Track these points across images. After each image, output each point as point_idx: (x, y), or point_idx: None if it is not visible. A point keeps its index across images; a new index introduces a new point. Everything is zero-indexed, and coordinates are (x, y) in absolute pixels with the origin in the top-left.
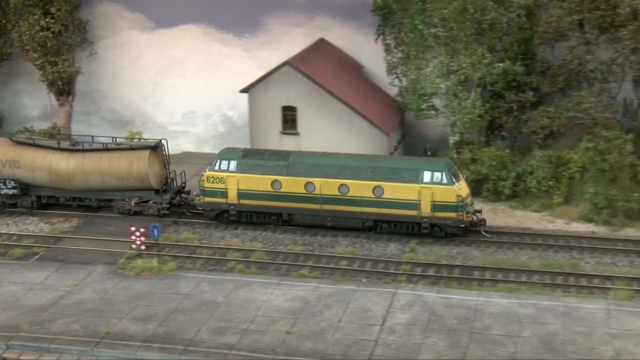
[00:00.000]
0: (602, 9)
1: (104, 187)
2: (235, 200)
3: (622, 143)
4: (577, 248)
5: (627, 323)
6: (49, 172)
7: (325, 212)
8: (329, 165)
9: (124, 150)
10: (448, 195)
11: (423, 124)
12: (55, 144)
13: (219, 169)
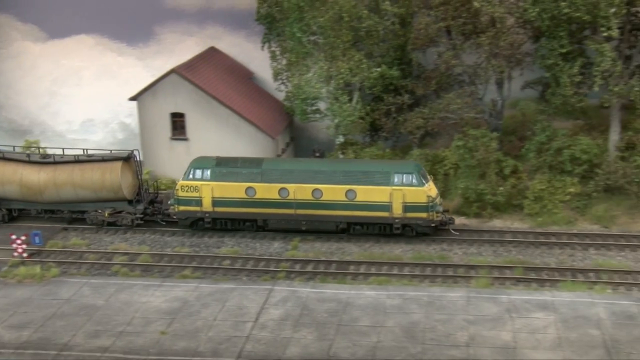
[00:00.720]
0: (464, 16)
1: (76, 199)
2: (209, 208)
3: (488, 141)
4: (448, 240)
5: (484, 309)
6: (20, 185)
7: (299, 216)
8: (302, 171)
9: (96, 162)
10: (419, 196)
11: (312, 127)
12: (25, 157)
13: (193, 177)
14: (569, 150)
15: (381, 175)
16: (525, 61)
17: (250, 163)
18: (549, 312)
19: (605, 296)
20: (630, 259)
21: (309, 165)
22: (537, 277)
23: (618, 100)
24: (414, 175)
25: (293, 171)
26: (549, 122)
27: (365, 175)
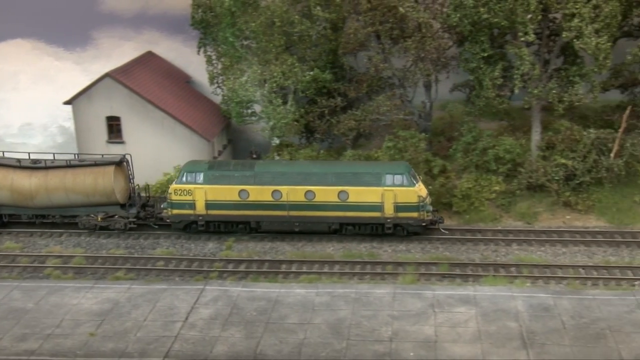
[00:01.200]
0: (392, 22)
1: (68, 203)
2: (203, 211)
3: (417, 142)
4: (378, 238)
5: (409, 305)
6: (11, 190)
7: (292, 218)
8: (295, 173)
9: (88, 167)
10: (410, 197)
11: (249, 129)
12: (15, 163)
13: (186, 181)
14: (494, 150)
15: (373, 177)
16: (451, 65)
17: (243, 166)
18: (470, 307)
19: (525, 290)
20: (550, 253)
21: (301, 168)
22: (461, 272)
23: (538, 102)
24: (404, 175)
25: (285, 173)
26: (475, 123)
27: (357, 176)
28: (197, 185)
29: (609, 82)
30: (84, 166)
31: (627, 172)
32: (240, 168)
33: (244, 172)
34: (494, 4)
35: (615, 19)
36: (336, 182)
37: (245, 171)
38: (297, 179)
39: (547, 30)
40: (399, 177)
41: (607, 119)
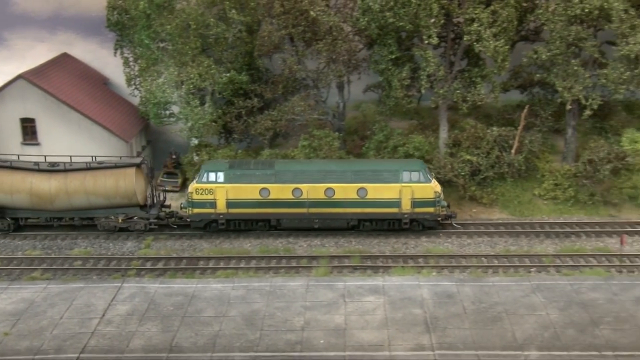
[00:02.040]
0: (304, 25)
1: (88, 206)
2: (224, 210)
3: (331, 140)
4: (294, 234)
5: (321, 296)
6: (30, 194)
7: (312, 215)
8: (315, 171)
9: (108, 169)
10: (427, 192)
11: (170, 130)
12: (34, 166)
13: (207, 180)
14: (404, 148)
15: (390, 173)
16: (362, 66)
17: (263, 165)
18: (379, 296)
19: (430, 279)
20: (456, 244)
21: (320, 166)
22: (372, 264)
23: (444, 101)
24: (421, 172)
25: (306, 171)
26: (386, 122)
27: (375, 173)
28: (218, 184)
29: (509, 82)
30: (104, 168)
31: (527, 167)
32: (261, 167)
33: (264, 170)
34: (398, 9)
35: (512, 24)
36: (355, 180)
37: (265, 170)
38: (317, 176)
39: (452, 33)
40: (416, 173)
41: (508, 117)
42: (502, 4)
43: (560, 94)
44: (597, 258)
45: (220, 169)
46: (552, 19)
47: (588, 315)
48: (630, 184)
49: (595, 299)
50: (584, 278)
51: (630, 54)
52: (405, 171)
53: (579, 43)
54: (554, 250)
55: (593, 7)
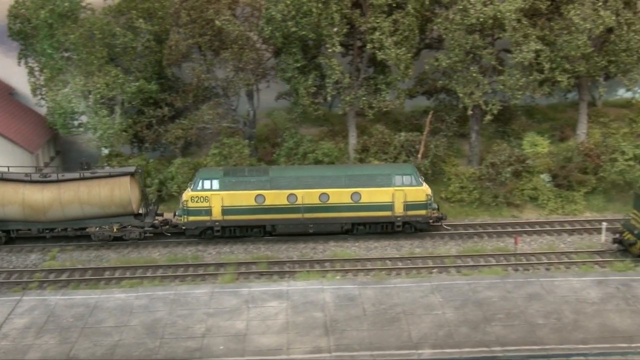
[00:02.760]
0: (210, 34)
1: (82, 216)
2: (219, 217)
3: (241, 148)
4: (203, 242)
5: (225, 302)
6: (22, 205)
7: (307, 220)
8: (309, 177)
9: (102, 178)
10: (418, 195)
11: (81, 140)
12: (25, 177)
13: (202, 188)
14: (313, 154)
15: (383, 178)
16: (270, 74)
17: (257, 171)
18: (282, 301)
19: (334, 282)
20: (363, 248)
21: (315, 172)
22: (279, 270)
23: (351, 108)
24: (412, 176)
25: (300, 177)
26: (297, 129)
27: (368, 178)
28: (213, 191)
29: (415, 89)
30: (98, 178)
31: (434, 171)
32: (255, 173)
33: (259, 177)
34: (300, 18)
35: (413, 33)
36: (349, 184)
37: (260, 176)
38: (311, 182)
39: (358, 41)
40: (408, 177)
41: (416, 122)
42: (403, 13)
43: (461, 99)
44: (495, 258)
45: (215, 177)
46: (451, 28)
47: (482, 313)
48: (531, 186)
49: (490, 297)
50: (482, 277)
51: (524, 61)
52: (398, 175)
53: (476, 51)
54: (456, 251)
55: (487, 16)
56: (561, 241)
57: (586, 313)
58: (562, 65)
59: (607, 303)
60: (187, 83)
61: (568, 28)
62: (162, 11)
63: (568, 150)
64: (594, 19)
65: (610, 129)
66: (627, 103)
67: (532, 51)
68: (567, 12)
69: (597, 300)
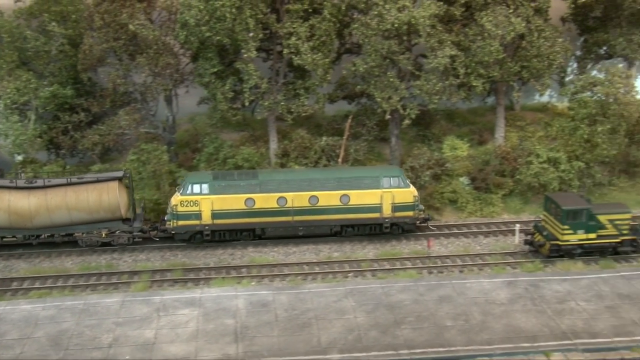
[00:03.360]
0: (124, 38)
1: (69, 222)
2: (209, 221)
3: (160, 154)
4: (120, 249)
5: (135, 311)
6: (8, 212)
7: (296, 223)
8: (298, 180)
9: (90, 183)
10: (406, 197)
11: None
12: (11, 183)
13: (192, 192)
14: (233, 160)
15: (371, 180)
16: (189, 79)
17: (247, 175)
18: (194, 308)
19: (249, 288)
20: (282, 253)
21: (304, 175)
22: (195, 276)
23: (270, 113)
24: (400, 178)
25: (290, 180)
26: (217, 134)
27: (357, 180)
28: (203, 195)
29: (335, 93)
30: (86, 183)
31: None
32: (245, 177)
33: (249, 180)
34: (214, 23)
35: (330, 38)
36: (338, 187)
37: (250, 180)
38: (301, 185)
39: (277, 46)
40: (395, 179)
41: (337, 127)
42: (319, 19)
43: (379, 104)
44: (412, 261)
45: (205, 181)
46: (367, 33)
47: (393, 317)
48: (450, 189)
49: (402, 300)
50: (396, 281)
51: (439, 66)
52: (385, 177)
53: (393, 56)
54: (374, 254)
55: (402, 22)
56: (477, 243)
57: (494, 314)
58: (477, 70)
59: (515, 304)
60: (104, 88)
61: (481, 34)
62: (76, 14)
63: (486, 154)
64: (506, 26)
65: (527, 132)
66: (543, 107)
67: (447, 56)
68: (480, 19)
69: (505, 301)
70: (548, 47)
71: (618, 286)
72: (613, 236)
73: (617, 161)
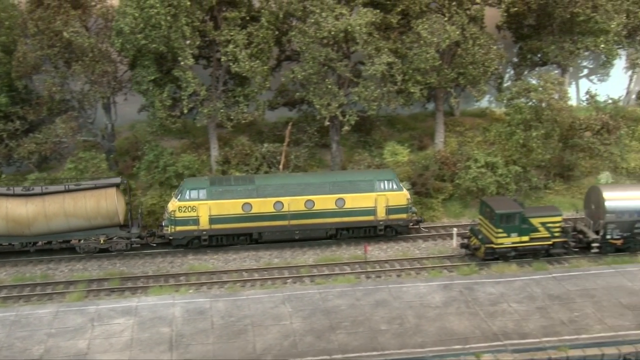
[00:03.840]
0: (59, 45)
1: (67, 228)
2: (207, 226)
3: (98, 162)
4: (56, 259)
5: (69, 321)
6: (6, 219)
7: (293, 227)
8: (295, 184)
9: (88, 190)
10: (400, 200)
11: None
12: (7, 191)
13: (189, 198)
14: (174, 167)
15: (366, 184)
16: (127, 87)
17: (243, 180)
18: (130, 317)
19: (186, 296)
20: (222, 260)
21: (300, 179)
22: (132, 285)
23: (210, 120)
24: (393, 181)
25: (286, 185)
26: (157, 142)
27: (352, 184)
28: (200, 201)
29: (276, 101)
30: (84, 190)
31: None
32: (241, 182)
33: (245, 186)
34: (149, 31)
35: (269, 45)
36: (333, 191)
37: (247, 185)
38: (297, 189)
39: (217, 54)
40: (389, 182)
41: (279, 134)
42: (257, 26)
43: (318, 111)
44: (350, 266)
45: (202, 186)
46: (304, 41)
47: (329, 322)
48: None
49: (339, 305)
50: (334, 286)
51: (376, 73)
52: (379, 180)
53: (330, 63)
54: (313, 260)
55: (339, 30)
56: (416, 247)
57: (428, 317)
58: (414, 77)
59: (449, 306)
60: (40, 96)
61: (418, 42)
62: (10, 21)
63: (426, 159)
64: (441, 33)
65: (466, 137)
66: (482, 113)
67: (384, 63)
68: (416, 27)
69: (440, 304)
70: (483, 54)
71: (549, 287)
72: (545, 238)
73: (553, 165)
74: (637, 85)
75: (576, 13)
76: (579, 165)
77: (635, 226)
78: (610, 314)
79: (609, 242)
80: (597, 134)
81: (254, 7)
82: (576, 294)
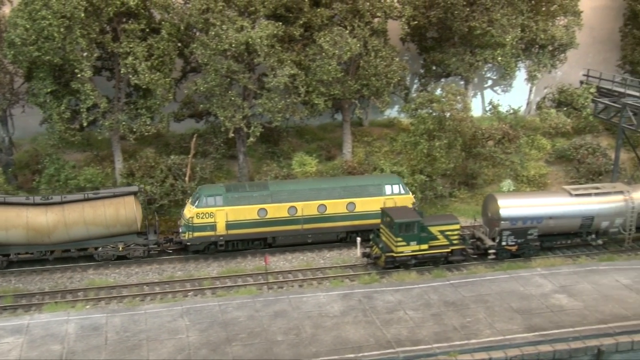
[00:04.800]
0: None
1: (86, 236)
2: (224, 232)
3: None
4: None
5: None
6: (26, 228)
7: (306, 231)
8: (307, 190)
9: (107, 198)
10: (406, 203)
11: None
12: (28, 200)
13: (207, 204)
14: (75, 180)
15: (375, 188)
16: (24, 99)
17: (258, 186)
18: (20, 336)
19: (82, 312)
20: (123, 274)
21: (312, 184)
22: (27, 302)
23: (112, 133)
24: (400, 185)
25: (299, 190)
26: (58, 155)
27: (361, 188)
28: (217, 207)
29: (181, 112)
30: (103, 198)
31: None
32: (256, 189)
33: (261, 192)
34: (42, 43)
35: (170, 57)
36: (344, 195)
37: (262, 191)
38: (310, 194)
39: (118, 66)
40: (396, 186)
41: (185, 145)
42: (157, 38)
43: (222, 122)
44: (253, 277)
45: (219, 193)
46: (206, 53)
47: (226, 334)
48: None
49: (238, 317)
50: (234, 298)
51: (279, 84)
52: (387, 185)
53: (233, 75)
54: (217, 272)
55: (239, 42)
56: (321, 257)
57: (325, 327)
58: (318, 88)
59: (347, 316)
60: None
61: (320, 54)
62: None
63: (334, 169)
64: (343, 46)
65: (374, 147)
66: (390, 123)
67: (286, 75)
68: (318, 39)
69: (338, 313)
70: (385, 67)
71: (446, 294)
72: (444, 246)
73: (457, 174)
74: (537, 96)
75: (473, 27)
76: (483, 173)
77: (529, 232)
78: (500, 319)
79: (505, 248)
80: (498, 143)
81: (155, 19)
82: (470, 300)
